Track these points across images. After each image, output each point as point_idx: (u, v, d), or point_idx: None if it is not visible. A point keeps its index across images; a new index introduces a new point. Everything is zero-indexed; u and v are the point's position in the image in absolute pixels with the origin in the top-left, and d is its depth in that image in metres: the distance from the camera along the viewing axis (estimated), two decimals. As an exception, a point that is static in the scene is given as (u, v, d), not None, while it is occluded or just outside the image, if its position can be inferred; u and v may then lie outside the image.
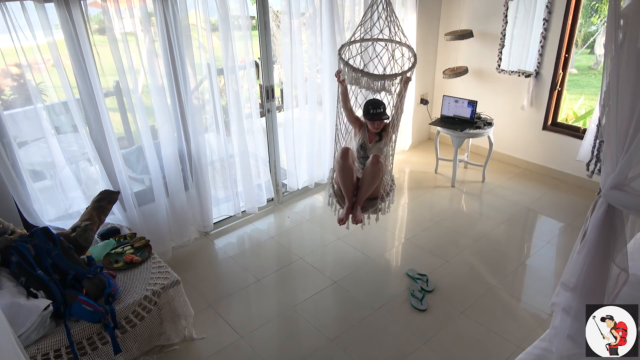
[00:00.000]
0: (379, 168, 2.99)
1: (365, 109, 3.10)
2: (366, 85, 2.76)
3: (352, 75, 2.76)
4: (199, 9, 3.22)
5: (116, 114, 3.17)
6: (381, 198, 3.11)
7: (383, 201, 3.12)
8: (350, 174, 3.03)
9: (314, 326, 2.91)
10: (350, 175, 3.03)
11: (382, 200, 3.11)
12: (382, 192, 3.09)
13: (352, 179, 3.04)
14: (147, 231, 3.36)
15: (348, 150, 3.06)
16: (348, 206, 3.04)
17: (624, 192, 1.60)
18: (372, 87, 2.73)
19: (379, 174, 3.01)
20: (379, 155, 3.03)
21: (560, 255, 3.56)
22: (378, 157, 3.00)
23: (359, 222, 3.04)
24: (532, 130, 4.70)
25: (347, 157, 3.03)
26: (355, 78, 2.75)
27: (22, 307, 2.09)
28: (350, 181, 3.04)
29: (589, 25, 7.89)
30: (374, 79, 2.70)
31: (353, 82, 2.78)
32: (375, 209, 3.11)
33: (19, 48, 2.59)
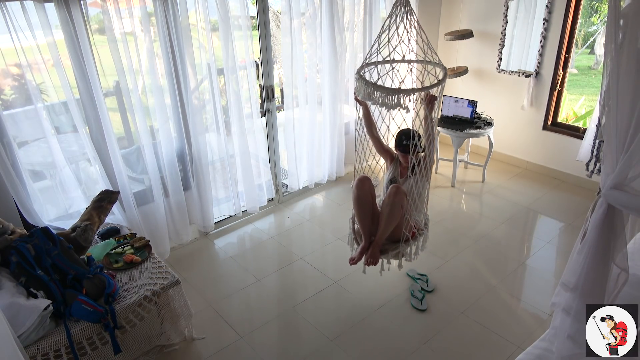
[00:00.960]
0: (399, 200, 2.58)
1: (398, 140, 2.75)
2: (380, 101, 2.39)
3: (364, 90, 2.43)
4: (199, 9, 3.22)
5: (116, 114, 3.17)
6: (405, 240, 2.67)
7: (408, 244, 2.67)
8: (367, 206, 2.69)
9: (314, 326, 2.91)
10: (367, 208, 2.69)
11: (406, 242, 2.67)
12: (406, 232, 2.66)
13: (369, 211, 2.69)
14: (147, 231, 3.36)
15: (366, 180, 2.70)
16: (364, 245, 2.68)
17: (624, 192, 1.60)
18: (385, 102, 2.37)
19: (398, 207, 2.59)
20: (400, 186, 2.64)
21: (560, 255, 3.56)
22: (399, 188, 2.61)
23: (372, 263, 2.65)
24: (532, 130, 4.70)
25: (363, 186, 2.68)
26: (367, 92, 2.42)
27: (22, 307, 2.09)
28: (367, 214, 2.69)
29: (589, 25, 7.89)
30: (389, 94, 2.34)
31: (366, 97, 2.44)
32: (398, 253, 2.69)
33: (19, 48, 2.59)
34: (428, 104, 2.55)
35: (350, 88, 4.55)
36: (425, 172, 2.68)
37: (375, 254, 2.65)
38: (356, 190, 2.70)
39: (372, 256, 2.65)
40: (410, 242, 2.71)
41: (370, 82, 2.40)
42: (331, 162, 4.56)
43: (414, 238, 2.74)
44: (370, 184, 2.73)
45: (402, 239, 2.67)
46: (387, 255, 2.70)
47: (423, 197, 2.73)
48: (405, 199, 2.61)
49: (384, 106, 2.40)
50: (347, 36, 4.24)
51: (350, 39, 4.30)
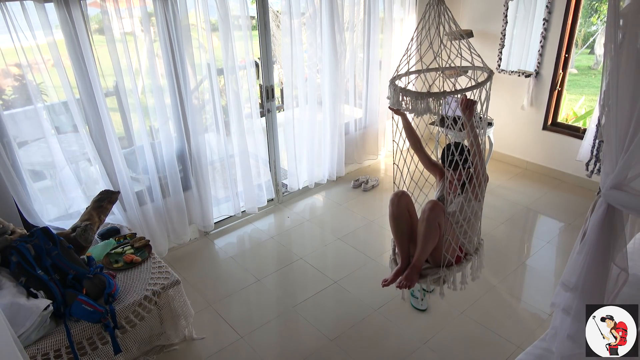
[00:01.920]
0: (434, 217, 2.31)
1: (443, 155, 2.44)
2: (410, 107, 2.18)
3: (393, 96, 2.23)
4: (199, 9, 3.22)
5: (116, 114, 3.18)
6: (448, 265, 2.42)
7: (451, 270, 2.42)
8: (403, 225, 2.48)
9: (314, 326, 2.91)
10: (403, 227, 2.48)
11: (449, 267, 2.42)
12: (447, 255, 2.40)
13: (406, 230, 2.49)
14: (147, 231, 3.36)
15: (403, 195, 2.49)
16: (399, 267, 2.47)
17: (624, 192, 1.60)
18: (415, 108, 2.16)
19: (434, 224, 2.33)
20: (436, 201, 2.40)
21: (560, 255, 3.56)
22: (435, 203, 2.35)
23: (405, 286, 2.38)
24: (532, 130, 4.70)
25: (399, 202, 2.48)
26: (396, 98, 2.22)
27: (22, 307, 2.09)
28: (403, 233, 2.49)
29: (589, 25, 7.89)
30: (417, 98, 2.11)
31: (395, 104, 2.22)
32: (438, 279, 2.43)
33: (19, 48, 2.59)
34: (465, 109, 2.25)
35: (351, 88, 4.56)
36: (477, 190, 2.38)
37: (411, 276, 2.39)
38: (391, 207, 2.49)
39: (407, 279, 2.38)
40: (453, 268, 2.44)
41: (399, 87, 2.20)
42: (331, 162, 4.56)
43: (459, 263, 2.46)
44: (407, 199, 2.52)
45: (443, 263, 2.41)
46: (425, 280, 2.43)
47: (472, 220, 2.42)
48: (442, 215, 2.34)
49: (413, 113, 2.18)
50: (347, 36, 4.24)
51: (350, 38, 4.30)
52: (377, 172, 4.91)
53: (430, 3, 2.15)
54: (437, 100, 2.11)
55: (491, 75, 2.21)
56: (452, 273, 2.45)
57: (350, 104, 4.62)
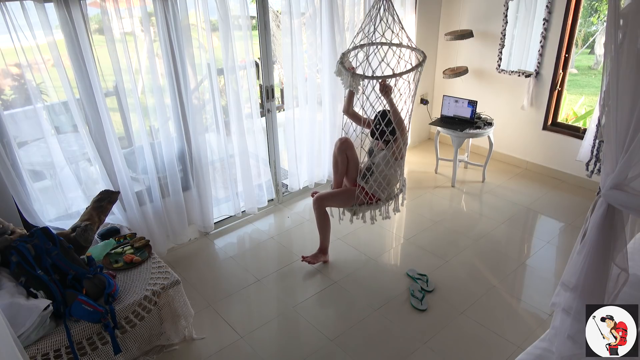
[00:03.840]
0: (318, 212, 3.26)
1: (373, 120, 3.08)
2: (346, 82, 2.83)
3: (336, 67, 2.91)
4: (199, 9, 3.22)
5: (116, 114, 3.18)
6: (360, 203, 3.18)
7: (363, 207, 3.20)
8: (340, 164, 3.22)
9: (314, 326, 2.91)
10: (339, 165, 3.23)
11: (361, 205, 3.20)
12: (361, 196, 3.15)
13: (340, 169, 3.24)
14: (147, 231, 3.36)
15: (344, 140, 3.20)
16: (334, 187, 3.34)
17: (624, 192, 1.60)
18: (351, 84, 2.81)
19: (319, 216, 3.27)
20: (319, 196, 3.24)
21: (560, 255, 3.56)
22: (316, 199, 3.24)
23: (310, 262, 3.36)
24: (532, 130, 4.70)
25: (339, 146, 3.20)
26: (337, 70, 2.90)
27: (22, 307, 2.09)
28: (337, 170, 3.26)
29: (588, 25, 7.89)
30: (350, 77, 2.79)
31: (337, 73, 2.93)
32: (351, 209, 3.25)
33: (19, 48, 2.59)
34: (382, 91, 2.89)
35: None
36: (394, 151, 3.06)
37: (316, 256, 3.38)
38: (334, 149, 3.23)
39: (313, 257, 3.36)
40: (364, 206, 3.19)
41: (339, 61, 2.88)
42: (331, 162, 4.55)
43: (371, 204, 3.20)
44: (348, 144, 3.20)
45: (355, 202, 3.16)
46: (343, 210, 3.31)
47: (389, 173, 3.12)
48: (324, 202, 3.23)
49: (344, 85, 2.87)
50: (347, 36, 4.24)
51: (351, 38, 4.29)
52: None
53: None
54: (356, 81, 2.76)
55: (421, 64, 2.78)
56: (362, 209, 3.21)
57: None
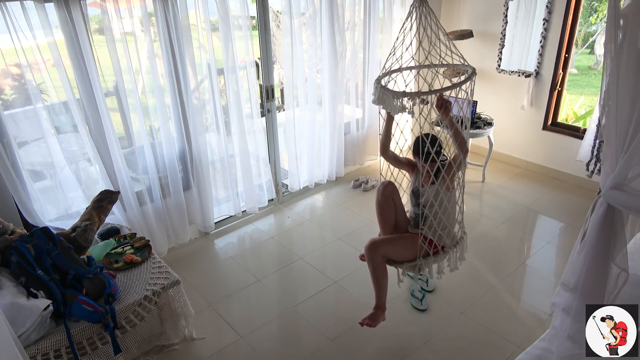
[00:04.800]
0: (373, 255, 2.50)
1: (416, 147, 2.51)
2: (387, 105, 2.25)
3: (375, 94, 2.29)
4: (199, 9, 3.22)
5: (116, 114, 3.18)
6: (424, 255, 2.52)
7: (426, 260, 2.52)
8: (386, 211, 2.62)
9: (314, 326, 2.91)
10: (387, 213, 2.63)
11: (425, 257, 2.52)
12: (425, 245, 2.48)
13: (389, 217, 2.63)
14: (147, 231, 3.36)
15: (388, 184, 2.62)
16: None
17: (624, 192, 1.60)
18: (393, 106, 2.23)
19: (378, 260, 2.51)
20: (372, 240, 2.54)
21: (560, 255, 3.56)
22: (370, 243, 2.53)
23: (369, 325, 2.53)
24: (532, 130, 4.70)
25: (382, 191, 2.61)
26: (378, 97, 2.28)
27: (22, 307, 2.09)
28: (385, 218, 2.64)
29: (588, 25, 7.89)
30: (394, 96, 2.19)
31: (377, 101, 2.29)
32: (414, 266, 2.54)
33: (19, 48, 2.59)
34: (439, 107, 2.36)
35: (351, 88, 4.56)
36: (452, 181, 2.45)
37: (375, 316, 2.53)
38: (377, 195, 2.62)
39: (371, 318, 2.54)
40: (430, 259, 2.52)
41: (380, 85, 2.27)
42: (331, 162, 4.56)
43: (436, 255, 2.53)
44: (392, 188, 2.62)
45: (419, 254, 2.51)
46: (402, 265, 2.55)
47: (449, 211, 2.48)
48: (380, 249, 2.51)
49: (391, 110, 2.27)
50: (347, 36, 4.24)
51: (351, 38, 4.30)
52: (377, 172, 4.91)
53: (414, 4, 2.23)
54: (412, 99, 2.18)
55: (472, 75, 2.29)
56: (429, 263, 2.54)
57: (350, 104, 4.62)
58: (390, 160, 2.69)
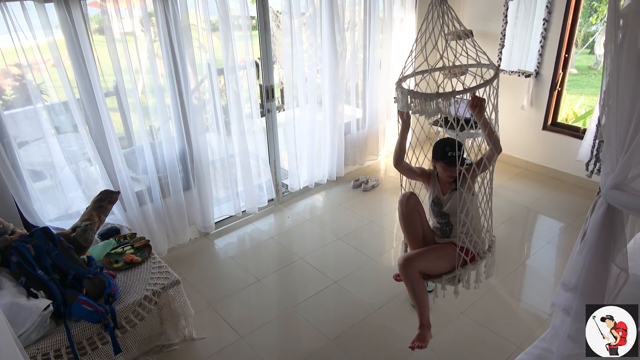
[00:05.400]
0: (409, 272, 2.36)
1: (441, 151, 2.40)
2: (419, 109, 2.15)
3: (402, 99, 2.19)
4: (199, 9, 3.22)
5: (116, 114, 3.18)
6: (462, 264, 2.40)
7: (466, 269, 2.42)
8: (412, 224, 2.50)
9: (314, 326, 2.91)
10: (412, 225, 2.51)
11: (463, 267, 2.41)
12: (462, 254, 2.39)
13: (415, 229, 2.52)
14: (147, 231, 3.36)
15: (410, 195, 2.49)
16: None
17: (624, 192, 1.59)
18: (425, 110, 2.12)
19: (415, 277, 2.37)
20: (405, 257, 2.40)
21: (560, 255, 3.56)
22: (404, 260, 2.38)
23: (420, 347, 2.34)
24: (532, 130, 4.70)
25: (406, 203, 2.47)
26: (405, 102, 2.18)
27: (22, 307, 2.09)
28: (413, 232, 2.51)
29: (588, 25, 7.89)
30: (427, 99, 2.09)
31: (405, 107, 2.19)
32: (453, 278, 2.42)
33: (19, 48, 2.59)
34: (474, 108, 2.22)
35: (351, 88, 4.56)
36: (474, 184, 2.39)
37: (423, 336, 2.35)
38: (401, 208, 2.47)
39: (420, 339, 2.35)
40: (468, 267, 2.41)
41: (407, 90, 2.14)
42: (331, 162, 4.56)
43: (473, 262, 2.43)
44: (415, 199, 2.50)
45: (457, 263, 2.39)
46: (440, 280, 2.42)
47: (477, 215, 2.42)
48: (415, 264, 2.37)
49: (423, 114, 2.14)
50: (347, 36, 4.24)
51: (351, 38, 4.30)
52: (377, 172, 4.91)
53: (433, 3, 2.12)
54: (446, 100, 2.08)
55: (498, 72, 2.19)
56: (467, 272, 2.42)
57: (350, 104, 4.62)
58: (404, 172, 2.53)
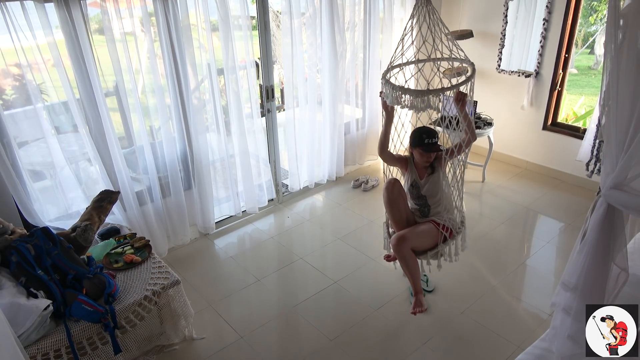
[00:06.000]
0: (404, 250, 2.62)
1: (418, 139, 2.66)
2: (409, 104, 2.36)
3: (392, 95, 2.40)
4: (199, 9, 3.22)
5: (116, 114, 3.18)
6: (443, 240, 2.70)
7: (446, 244, 2.71)
8: (397, 208, 2.73)
9: (314, 326, 2.91)
10: (397, 209, 2.73)
11: (444, 242, 2.71)
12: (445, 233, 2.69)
13: (400, 213, 2.74)
14: (147, 231, 3.36)
15: (395, 181, 2.73)
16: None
17: (624, 192, 1.60)
18: (415, 105, 2.34)
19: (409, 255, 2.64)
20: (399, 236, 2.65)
21: (560, 255, 3.56)
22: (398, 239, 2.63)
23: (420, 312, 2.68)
24: (532, 130, 4.70)
25: (392, 189, 2.71)
26: (395, 97, 2.39)
27: (22, 307, 2.09)
28: (398, 215, 2.74)
29: (588, 25, 7.90)
30: (417, 96, 2.31)
31: (394, 101, 2.42)
32: (436, 253, 2.71)
33: (19, 48, 2.59)
34: (458, 102, 2.49)
35: (351, 88, 4.56)
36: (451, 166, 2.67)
37: (420, 301, 2.69)
38: (387, 193, 2.71)
39: (418, 305, 2.68)
40: (448, 242, 2.72)
41: (398, 86, 2.38)
42: (331, 162, 4.56)
43: (452, 237, 2.74)
44: (400, 185, 2.75)
45: (440, 240, 2.69)
46: (425, 256, 2.72)
47: (450, 194, 2.75)
48: (407, 242, 2.64)
49: (413, 109, 2.37)
50: (347, 36, 4.24)
51: (351, 38, 4.30)
52: (377, 172, 4.91)
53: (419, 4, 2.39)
54: (436, 96, 2.31)
55: (474, 68, 2.46)
56: (447, 246, 2.74)
57: (350, 104, 4.62)
58: (388, 160, 2.81)
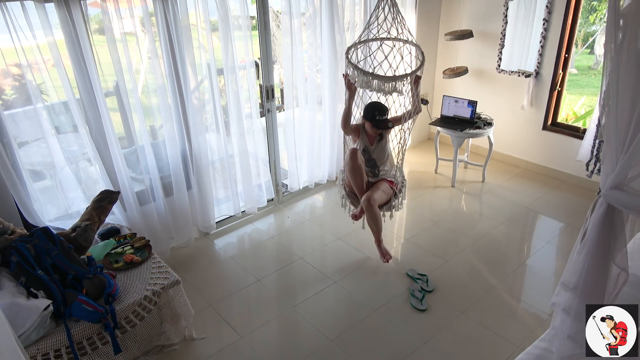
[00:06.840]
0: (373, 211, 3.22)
1: (370, 114, 3.18)
2: (377, 88, 2.83)
3: (362, 79, 2.84)
4: (199, 9, 3.22)
5: (116, 114, 3.18)
6: (394, 195, 3.36)
7: (396, 197, 3.37)
8: (360, 174, 3.23)
9: (314, 326, 2.91)
10: (360, 175, 3.24)
11: (395, 197, 3.36)
12: (395, 189, 3.35)
13: (362, 178, 3.26)
14: (147, 231, 3.36)
15: (356, 151, 3.23)
16: (359, 210, 3.34)
17: (624, 192, 1.60)
18: (383, 89, 2.82)
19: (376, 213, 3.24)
20: (368, 198, 3.21)
21: (560, 255, 3.56)
22: (367, 201, 3.21)
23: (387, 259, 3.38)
24: (532, 130, 4.70)
25: (356, 158, 3.20)
26: (365, 81, 2.84)
27: (22, 307, 2.10)
28: (360, 180, 3.25)
29: (588, 25, 7.90)
30: (385, 81, 2.79)
31: (364, 85, 2.87)
32: (389, 206, 3.37)
33: (19, 48, 2.59)
34: (415, 83, 3.02)
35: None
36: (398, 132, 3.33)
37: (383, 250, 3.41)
38: (350, 162, 3.20)
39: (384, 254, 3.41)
40: (398, 195, 3.37)
41: (368, 72, 2.82)
42: (331, 162, 4.56)
43: (400, 192, 3.40)
44: (359, 153, 3.25)
45: (392, 194, 3.35)
46: (381, 209, 3.33)
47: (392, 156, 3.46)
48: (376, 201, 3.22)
49: (380, 92, 2.85)
50: (347, 36, 4.24)
51: (351, 38, 4.29)
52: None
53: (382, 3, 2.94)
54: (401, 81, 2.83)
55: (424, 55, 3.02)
56: (397, 199, 3.38)
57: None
58: (349, 132, 3.33)
